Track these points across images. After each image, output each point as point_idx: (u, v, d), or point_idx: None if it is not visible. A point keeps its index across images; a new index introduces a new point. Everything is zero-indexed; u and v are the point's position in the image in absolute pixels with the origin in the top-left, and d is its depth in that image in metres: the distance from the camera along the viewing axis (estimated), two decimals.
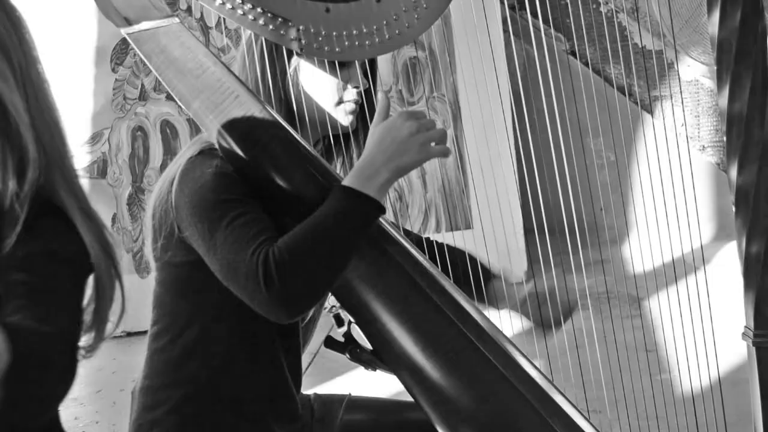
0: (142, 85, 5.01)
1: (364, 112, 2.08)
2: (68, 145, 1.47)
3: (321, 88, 2.03)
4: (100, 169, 5.01)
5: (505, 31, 5.13)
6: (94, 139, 4.98)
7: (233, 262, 1.81)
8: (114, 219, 4.94)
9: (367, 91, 2.08)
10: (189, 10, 4.96)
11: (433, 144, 1.91)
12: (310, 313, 2.09)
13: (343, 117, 2.05)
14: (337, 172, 2.05)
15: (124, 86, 4.98)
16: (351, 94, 2.04)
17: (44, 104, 1.42)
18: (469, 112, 5.13)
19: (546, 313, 2.13)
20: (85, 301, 1.43)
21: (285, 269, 1.77)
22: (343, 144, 2.10)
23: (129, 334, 4.65)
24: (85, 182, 4.86)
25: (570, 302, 2.15)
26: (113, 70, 4.94)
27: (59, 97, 1.47)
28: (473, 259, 2.17)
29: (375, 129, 1.92)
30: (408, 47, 5.01)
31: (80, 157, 4.86)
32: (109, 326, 1.47)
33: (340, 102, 2.04)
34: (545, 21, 5.47)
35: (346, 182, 1.86)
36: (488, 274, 2.18)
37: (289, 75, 2.02)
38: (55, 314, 1.32)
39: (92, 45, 4.90)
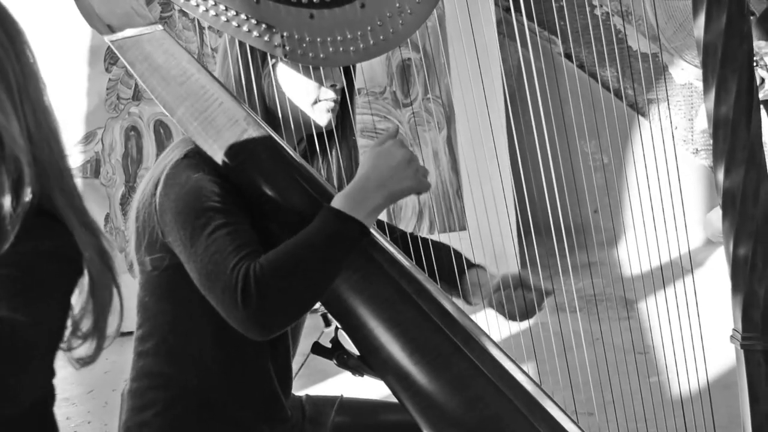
0: (136, 85, 5.00)
1: (344, 112, 2.07)
2: (66, 158, 1.47)
3: (297, 88, 2.03)
4: (93, 168, 5.00)
5: (500, 33, 5.13)
6: (88, 138, 4.98)
7: (212, 273, 1.80)
8: (107, 219, 4.94)
9: (343, 92, 2.08)
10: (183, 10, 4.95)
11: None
12: None
13: (320, 116, 2.04)
14: (320, 174, 2.05)
15: (117, 86, 4.97)
16: (327, 93, 2.03)
17: (42, 118, 1.42)
18: (463, 114, 5.12)
19: (515, 303, 2.13)
20: (82, 307, 1.44)
21: (265, 288, 1.76)
22: (318, 145, 2.09)
23: (121, 334, 4.65)
24: (78, 182, 4.83)
25: (544, 291, 2.15)
26: (107, 69, 4.93)
27: (52, 97, 1.46)
28: (458, 254, 2.18)
29: (368, 153, 1.92)
30: (402, 49, 5.00)
31: (73, 157, 4.85)
32: (109, 333, 1.48)
33: (317, 101, 2.04)
34: (539, 23, 5.47)
35: (336, 204, 1.86)
36: (469, 264, 2.19)
37: (264, 75, 2.02)
38: (30, 305, 1.32)
39: (86, 45, 4.88)
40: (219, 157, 1.91)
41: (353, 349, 1.95)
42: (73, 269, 1.41)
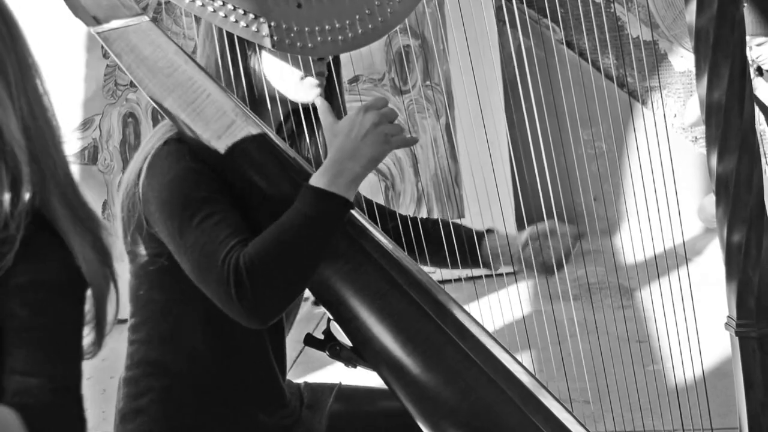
0: None
1: (331, 89, 2.06)
2: (63, 152, 1.46)
3: (284, 65, 2.01)
4: (91, 155, 4.99)
5: (499, 20, 5.11)
6: (85, 125, 4.96)
7: (204, 267, 1.81)
8: (104, 205, 4.93)
9: (329, 68, 2.06)
10: None
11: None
12: None
13: (309, 91, 2.01)
14: (307, 155, 2.05)
15: (115, 72, 4.95)
16: (316, 66, 2.01)
17: (39, 113, 1.41)
18: (462, 101, 5.11)
19: (550, 251, 2.13)
20: None
21: (256, 279, 1.76)
22: (305, 123, 2.07)
23: (119, 321, 4.64)
24: (75, 168, 4.83)
25: (571, 237, 2.15)
26: (104, 55, 4.91)
27: (50, 83, 1.45)
28: (464, 227, 2.18)
29: (335, 126, 1.90)
30: (401, 35, 4.98)
31: (71, 143, 4.84)
32: (108, 321, 1.48)
33: (304, 77, 2.02)
34: (539, 10, 5.45)
35: (313, 181, 1.85)
36: (480, 234, 2.19)
37: (251, 54, 2.00)
38: (66, 363, 1.35)
39: (83, 30, 4.86)
40: (206, 147, 1.90)
41: (346, 340, 1.95)
42: (79, 290, 1.41)
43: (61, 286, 1.39)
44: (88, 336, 1.47)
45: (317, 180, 1.85)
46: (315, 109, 2.02)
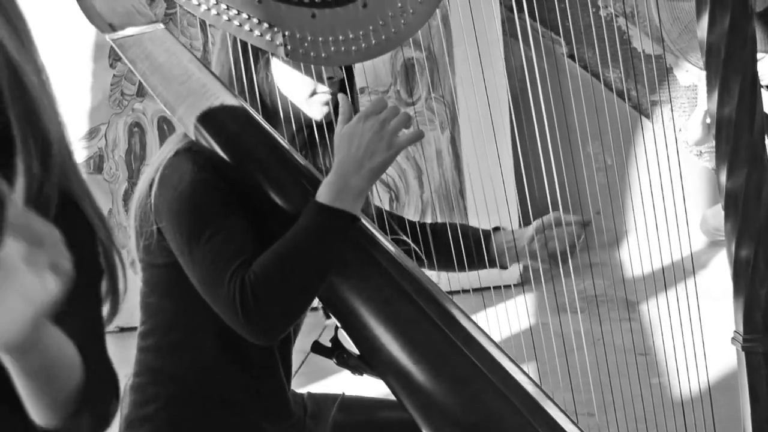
0: (140, 81, 5.00)
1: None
2: (68, 137, 1.45)
3: (294, 81, 2.02)
4: (97, 164, 5.00)
5: (504, 33, 5.11)
6: (91, 134, 4.97)
7: (211, 286, 1.82)
8: (110, 214, 4.93)
9: (342, 84, 2.07)
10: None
11: (401, 133, 1.88)
12: None
13: (316, 108, 2.03)
14: (321, 166, 2.05)
15: (121, 82, 4.96)
16: (324, 85, 2.02)
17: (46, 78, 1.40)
18: (467, 114, 5.11)
19: (556, 242, 2.14)
20: None
21: (262, 298, 1.77)
22: (318, 136, 2.08)
23: (122, 330, 4.63)
24: None
25: (577, 226, 2.16)
26: (111, 65, 4.92)
27: (56, 93, 1.46)
28: (471, 227, 2.20)
29: (337, 137, 1.89)
30: (406, 48, 4.99)
31: (77, 153, 4.85)
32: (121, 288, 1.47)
33: (313, 93, 2.03)
34: (544, 24, 5.46)
35: (319, 197, 1.85)
36: (486, 233, 2.20)
37: (260, 68, 2.01)
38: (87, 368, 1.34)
39: (90, 40, 4.87)
40: (218, 155, 1.90)
41: (353, 348, 1.95)
42: (95, 288, 1.41)
43: (75, 287, 1.38)
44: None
45: (322, 194, 1.84)
46: (327, 123, 2.03)
